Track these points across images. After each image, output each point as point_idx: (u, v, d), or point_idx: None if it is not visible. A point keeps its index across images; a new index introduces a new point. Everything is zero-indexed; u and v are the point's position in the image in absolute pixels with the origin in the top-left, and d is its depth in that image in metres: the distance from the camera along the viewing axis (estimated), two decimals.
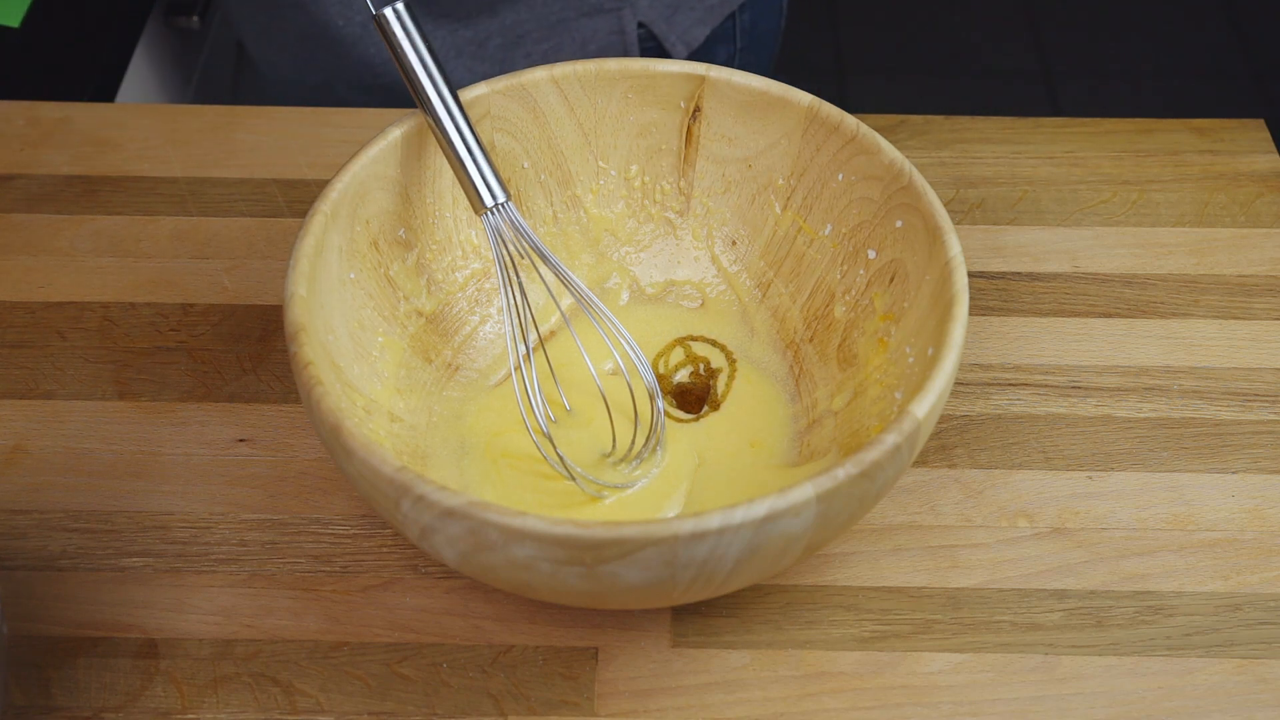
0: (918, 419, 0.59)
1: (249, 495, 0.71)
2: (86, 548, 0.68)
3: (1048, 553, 0.68)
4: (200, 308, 0.79)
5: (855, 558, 0.68)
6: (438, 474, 0.68)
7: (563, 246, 0.77)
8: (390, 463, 0.56)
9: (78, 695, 0.63)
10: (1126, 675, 0.64)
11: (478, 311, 0.75)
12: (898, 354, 0.68)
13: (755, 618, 0.66)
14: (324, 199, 0.67)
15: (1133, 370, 0.76)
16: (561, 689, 0.64)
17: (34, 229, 0.83)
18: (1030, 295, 0.80)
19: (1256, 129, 0.89)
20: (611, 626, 0.66)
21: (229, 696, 0.63)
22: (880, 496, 0.60)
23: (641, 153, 0.76)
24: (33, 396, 0.75)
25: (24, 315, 0.79)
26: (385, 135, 0.69)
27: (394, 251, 0.72)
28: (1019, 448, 0.73)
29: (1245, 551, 0.68)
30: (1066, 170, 0.86)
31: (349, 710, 0.63)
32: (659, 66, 0.73)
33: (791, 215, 0.74)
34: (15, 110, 0.90)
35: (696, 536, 0.54)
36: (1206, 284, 0.80)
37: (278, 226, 0.83)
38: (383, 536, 0.69)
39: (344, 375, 0.66)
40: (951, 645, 0.65)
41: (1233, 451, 0.72)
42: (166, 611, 0.66)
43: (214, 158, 0.87)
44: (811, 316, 0.73)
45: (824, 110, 0.71)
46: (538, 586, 0.58)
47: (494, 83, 0.72)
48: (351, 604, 0.66)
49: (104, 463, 0.72)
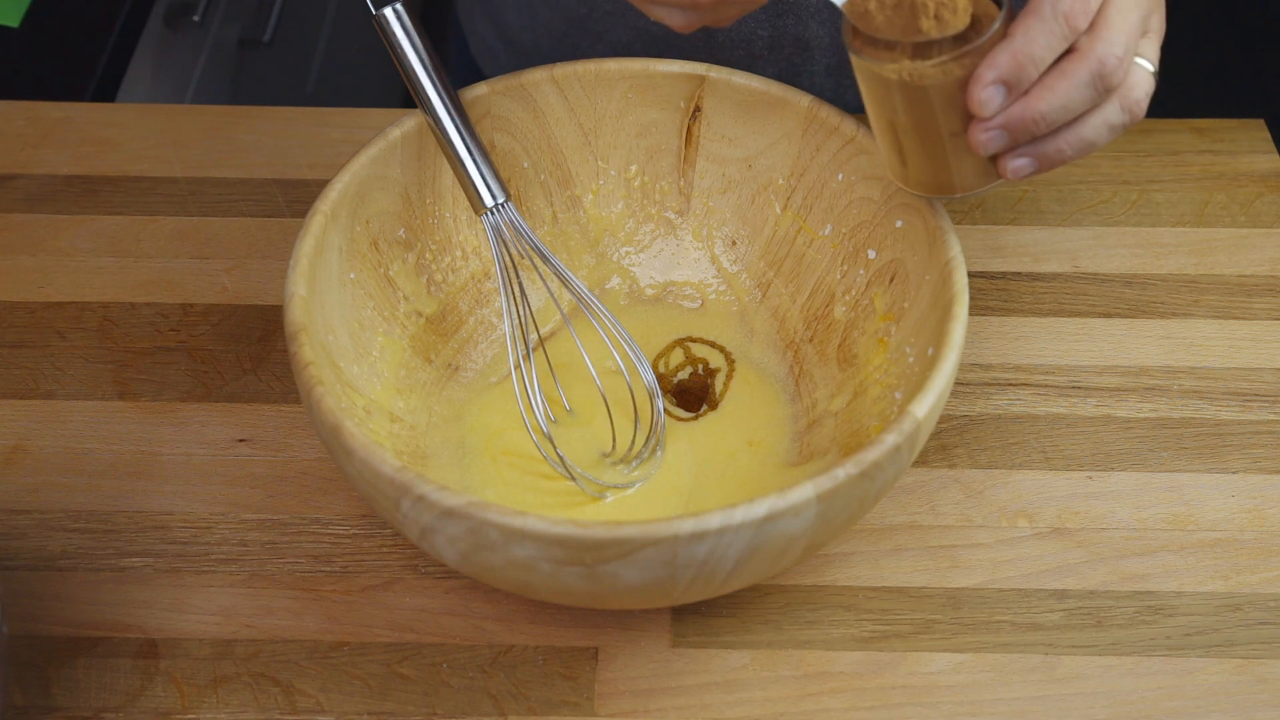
0: (918, 419, 0.59)
1: (249, 495, 0.71)
2: (86, 548, 0.68)
3: (1048, 553, 0.68)
4: (200, 308, 0.79)
5: (855, 558, 0.68)
6: (438, 474, 0.68)
7: (563, 247, 0.77)
8: (390, 463, 0.56)
9: (78, 695, 0.63)
10: (1126, 675, 0.64)
11: (478, 312, 0.75)
12: (898, 354, 0.68)
13: (755, 618, 0.66)
14: (324, 199, 0.67)
15: (1133, 370, 0.76)
16: (561, 689, 0.64)
17: (34, 229, 0.83)
18: (1030, 295, 0.80)
19: (1256, 129, 0.89)
20: (611, 626, 0.66)
21: (229, 696, 0.63)
22: (880, 496, 0.60)
23: (641, 153, 0.76)
24: (33, 396, 0.75)
25: (24, 315, 0.79)
26: (385, 135, 0.69)
27: (394, 251, 0.72)
28: (1019, 448, 0.72)
29: (1245, 551, 0.68)
30: (1066, 170, 0.86)
31: (349, 710, 0.63)
32: (659, 66, 0.73)
33: (791, 215, 0.74)
34: (15, 110, 0.90)
35: (696, 536, 0.54)
36: (1206, 284, 0.80)
37: (278, 226, 0.83)
38: (383, 536, 0.69)
39: (344, 375, 0.66)
40: (951, 645, 0.65)
41: (1233, 451, 0.72)
42: (166, 611, 0.66)
43: (214, 158, 0.87)
44: (811, 317, 0.73)
45: (823, 111, 0.71)
46: (538, 586, 0.58)
47: (494, 83, 0.72)
48: (351, 604, 0.66)
49: (104, 463, 0.72)
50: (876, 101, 0.62)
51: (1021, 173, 0.61)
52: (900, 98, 0.60)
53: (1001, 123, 0.59)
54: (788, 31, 0.88)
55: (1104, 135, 0.61)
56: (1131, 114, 0.60)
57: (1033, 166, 0.61)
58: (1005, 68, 0.58)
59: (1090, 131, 0.60)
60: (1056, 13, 0.57)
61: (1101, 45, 0.58)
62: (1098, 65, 0.58)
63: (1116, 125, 0.60)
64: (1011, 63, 0.57)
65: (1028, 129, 0.59)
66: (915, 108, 0.60)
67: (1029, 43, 0.57)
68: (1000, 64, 0.58)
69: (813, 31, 0.88)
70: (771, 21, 0.88)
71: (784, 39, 0.89)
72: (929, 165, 0.63)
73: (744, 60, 0.90)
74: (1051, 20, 0.57)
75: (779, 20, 0.88)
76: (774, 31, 0.88)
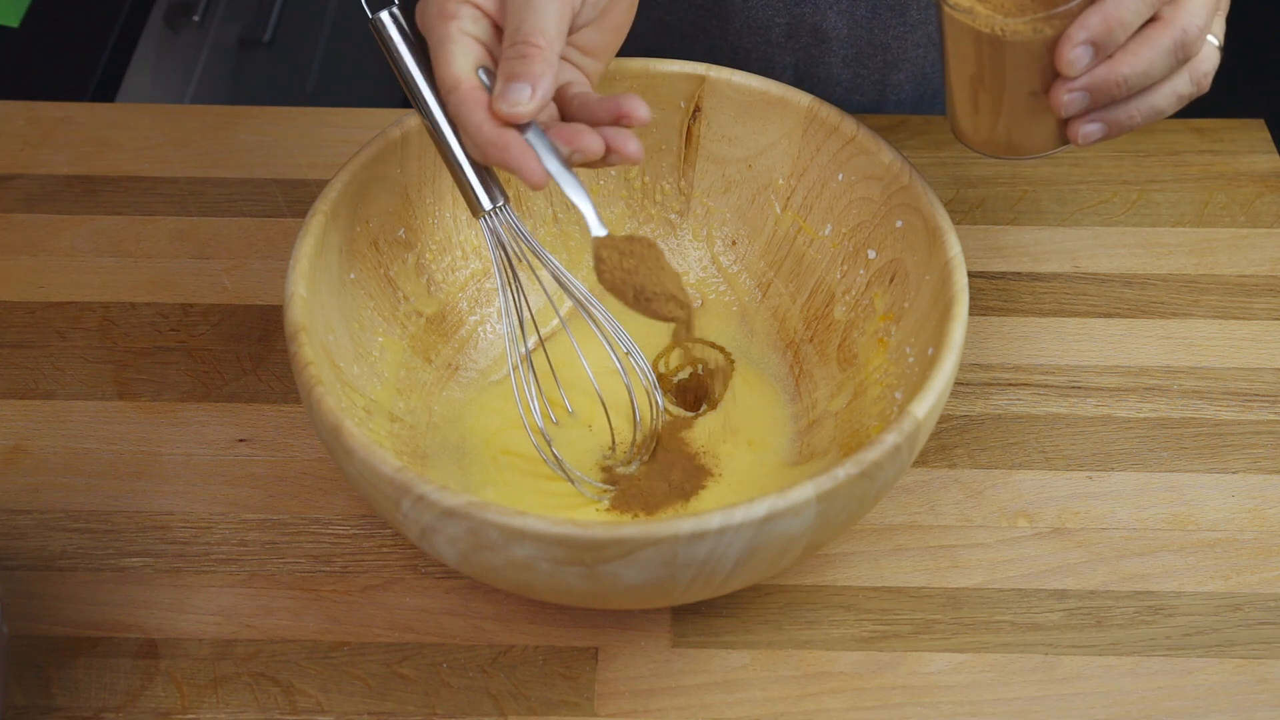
0: (918, 419, 0.59)
1: (249, 495, 0.71)
2: (86, 548, 0.68)
3: (1048, 553, 0.68)
4: (200, 308, 0.79)
5: (855, 558, 0.68)
6: (438, 474, 0.68)
7: (563, 248, 0.77)
8: (390, 463, 0.56)
9: (78, 695, 0.63)
10: (1126, 675, 0.64)
11: (478, 311, 0.75)
12: (898, 354, 0.68)
13: (755, 618, 0.66)
14: (324, 199, 0.67)
15: (1133, 370, 0.76)
16: (561, 689, 0.64)
17: (34, 229, 0.83)
18: (1030, 295, 0.80)
19: (1256, 129, 0.89)
20: (611, 626, 0.66)
21: (229, 696, 0.63)
22: (880, 496, 0.60)
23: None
24: (33, 396, 0.75)
25: (24, 315, 0.79)
26: (385, 135, 0.69)
27: (394, 251, 0.72)
28: (1019, 448, 0.72)
29: (1245, 551, 0.68)
30: (1066, 170, 0.86)
31: (349, 710, 0.63)
32: (659, 66, 0.73)
33: (791, 215, 0.74)
34: (15, 110, 0.90)
35: (696, 536, 0.54)
36: (1206, 284, 0.80)
37: (278, 226, 0.83)
38: (383, 536, 0.69)
39: (344, 375, 0.66)
40: (951, 645, 0.65)
41: (1233, 451, 0.72)
42: (166, 611, 0.66)
43: (214, 158, 0.87)
44: (811, 316, 0.73)
45: (823, 111, 0.71)
46: (538, 586, 0.58)
47: None
48: (351, 604, 0.66)
49: (104, 463, 0.72)
50: (960, 56, 0.63)
51: (1091, 138, 0.63)
52: (988, 52, 0.62)
53: (1085, 84, 0.60)
54: (805, 20, 0.88)
55: (1172, 105, 0.62)
56: (1199, 85, 0.62)
57: (1102, 132, 0.63)
58: (1096, 29, 0.59)
59: (1161, 100, 0.62)
60: None
61: (1185, 15, 0.59)
62: (1180, 34, 0.59)
63: (1184, 96, 0.62)
64: (1102, 24, 0.59)
65: (1109, 92, 0.61)
66: (1001, 64, 0.62)
67: (1119, 6, 0.59)
68: (1091, 25, 0.59)
69: (830, 22, 0.88)
70: (789, 9, 0.88)
71: (801, 28, 0.89)
72: (1003, 124, 0.64)
73: (761, 48, 0.90)
74: None
75: (796, 8, 0.88)
76: (791, 19, 0.88)
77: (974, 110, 0.65)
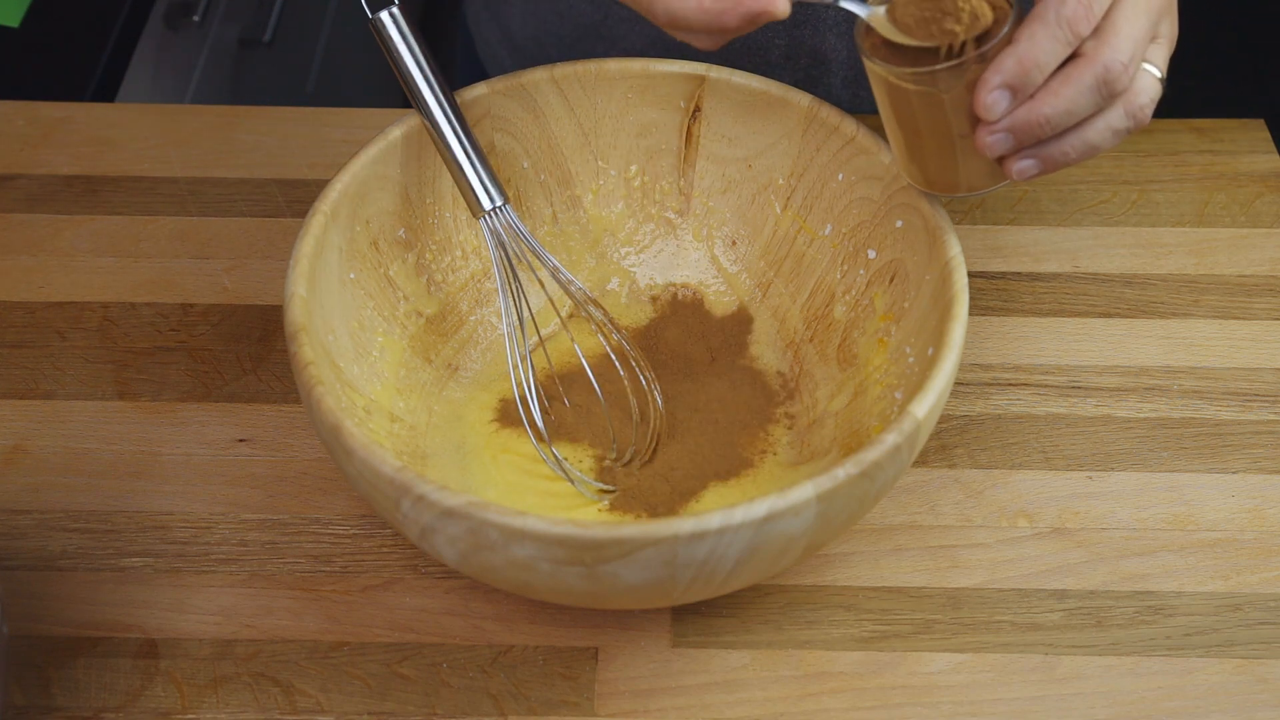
0: (918, 419, 0.59)
1: (249, 495, 0.71)
2: (86, 548, 0.68)
3: (1048, 553, 0.68)
4: (200, 308, 0.79)
5: (855, 558, 0.68)
6: (438, 474, 0.68)
7: (562, 247, 0.77)
8: (390, 463, 0.56)
9: (78, 695, 0.63)
10: (1126, 675, 0.64)
11: (478, 312, 0.75)
12: (898, 354, 0.68)
13: (755, 618, 0.66)
14: (324, 199, 0.67)
15: (1133, 370, 0.76)
16: (561, 689, 0.64)
17: (34, 229, 0.83)
18: (1030, 295, 0.80)
19: (1256, 129, 0.89)
20: (611, 626, 0.66)
21: (229, 696, 0.63)
22: (880, 496, 0.60)
23: (641, 153, 0.76)
24: (33, 396, 0.75)
25: (24, 315, 0.79)
26: (385, 135, 0.69)
27: (394, 251, 0.72)
28: (1019, 448, 0.72)
29: (1245, 551, 0.68)
30: (1066, 170, 0.86)
31: (349, 710, 0.63)
32: (659, 66, 0.73)
33: (791, 215, 0.74)
34: (15, 110, 0.90)
35: (696, 536, 0.54)
36: (1206, 284, 0.80)
37: (278, 226, 0.83)
38: (383, 536, 0.69)
39: (344, 375, 0.66)
40: (951, 645, 0.65)
41: (1233, 451, 0.72)
42: (166, 611, 0.66)
43: (214, 158, 0.87)
44: (811, 316, 0.73)
45: (823, 111, 0.71)
46: (538, 586, 0.58)
47: (493, 83, 0.72)
48: (351, 604, 0.66)
49: (104, 463, 0.72)
50: (888, 102, 0.63)
51: (1026, 174, 0.62)
52: (913, 100, 0.62)
53: (1007, 126, 0.60)
54: (804, 43, 0.88)
55: (1108, 139, 0.61)
56: (1136, 119, 0.61)
57: (1037, 168, 0.62)
58: (1010, 73, 0.58)
59: (1094, 135, 0.61)
60: (1060, 18, 0.58)
61: (1107, 51, 0.58)
62: (1102, 71, 0.58)
63: (1120, 130, 0.61)
64: (1016, 68, 0.58)
65: (1032, 132, 0.60)
66: (926, 110, 0.62)
67: (1033, 48, 0.58)
68: (1005, 69, 0.58)
69: (830, 44, 0.88)
70: (789, 32, 0.88)
71: (800, 50, 0.89)
72: (938, 165, 0.64)
73: (759, 70, 0.90)
74: (1055, 26, 0.58)
75: (796, 30, 0.88)
76: (790, 41, 0.88)
77: (909, 155, 0.65)
